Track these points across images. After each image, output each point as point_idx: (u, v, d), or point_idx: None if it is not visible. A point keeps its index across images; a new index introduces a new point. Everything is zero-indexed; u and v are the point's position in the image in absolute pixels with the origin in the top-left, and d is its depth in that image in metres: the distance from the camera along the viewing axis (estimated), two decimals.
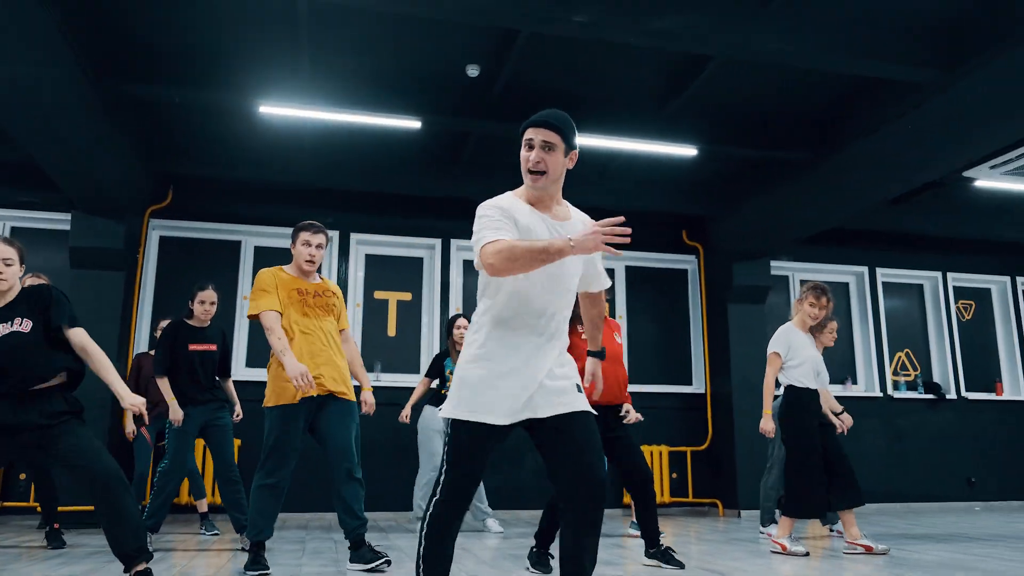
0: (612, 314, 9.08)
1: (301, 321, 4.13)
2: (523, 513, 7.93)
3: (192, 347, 5.27)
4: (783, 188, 7.47)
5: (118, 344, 7.24)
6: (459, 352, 6.50)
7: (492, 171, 7.94)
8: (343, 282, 8.39)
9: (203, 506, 6.38)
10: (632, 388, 8.80)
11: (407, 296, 8.72)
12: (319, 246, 4.27)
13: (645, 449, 8.45)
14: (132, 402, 3.33)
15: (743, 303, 8.61)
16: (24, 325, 3.30)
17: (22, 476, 7.25)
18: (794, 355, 5.01)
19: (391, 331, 8.57)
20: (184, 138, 7.43)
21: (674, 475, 8.66)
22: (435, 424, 6.34)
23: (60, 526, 5.36)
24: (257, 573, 3.93)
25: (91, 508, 3.29)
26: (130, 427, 6.43)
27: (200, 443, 6.76)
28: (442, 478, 2.45)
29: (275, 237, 8.41)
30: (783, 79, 6.33)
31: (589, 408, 2.48)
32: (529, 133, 2.54)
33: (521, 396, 2.42)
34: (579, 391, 2.51)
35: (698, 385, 9.04)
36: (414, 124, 6.48)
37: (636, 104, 6.78)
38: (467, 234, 8.70)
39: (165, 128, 7.27)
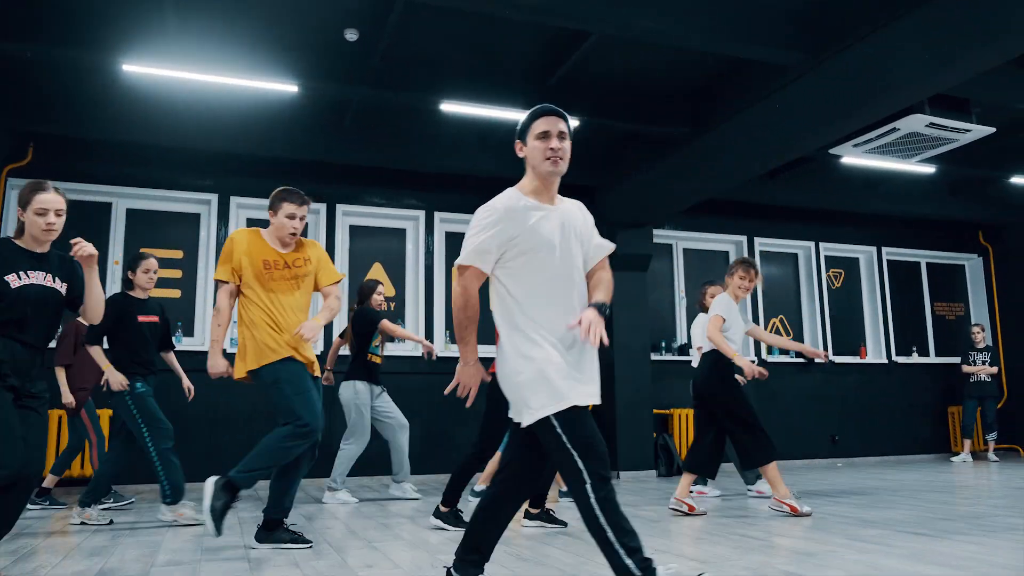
0: None
1: (263, 296, 3.98)
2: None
3: (141, 319, 5.14)
4: (664, 161, 7.65)
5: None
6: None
7: (374, 138, 7.84)
8: (220, 246, 8.12)
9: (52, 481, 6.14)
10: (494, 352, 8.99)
11: None
12: (303, 218, 4.08)
13: None
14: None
15: (626, 271, 8.80)
16: (61, 286, 3.38)
17: None
18: (731, 323, 5.24)
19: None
20: (44, 96, 6.94)
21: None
22: (347, 395, 6.31)
23: None
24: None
25: None
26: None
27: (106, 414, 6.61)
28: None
29: (149, 199, 8.06)
30: (660, 56, 6.45)
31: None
32: (543, 124, 2.64)
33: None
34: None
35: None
36: (290, 88, 6.27)
37: (517, 75, 6.79)
38: (352, 200, 8.55)
39: (20, 84, 6.78)
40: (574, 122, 7.12)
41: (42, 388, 3.31)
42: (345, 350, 6.70)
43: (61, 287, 3.38)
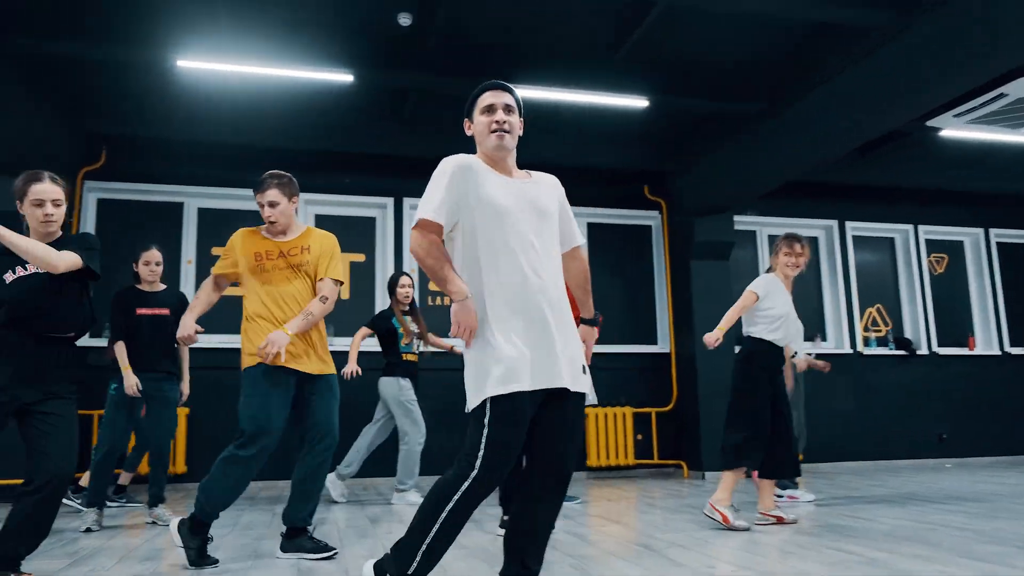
0: None
1: (262, 290, 3.77)
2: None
3: (140, 311, 5.04)
4: (742, 141, 7.15)
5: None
6: (403, 311, 6.32)
7: (437, 126, 7.61)
8: None
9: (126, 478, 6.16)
10: (596, 348, 8.64)
11: (360, 257, 8.41)
12: (272, 203, 3.76)
13: (609, 411, 8.27)
14: None
15: (706, 260, 8.33)
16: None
17: None
18: (771, 303, 4.72)
19: (345, 293, 8.27)
20: (113, 97, 7.04)
21: (639, 436, 8.48)
22: (390, 392, 6.13)
23: None
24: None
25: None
26: None
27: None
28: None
29: (219, 198, 8.06)
30: (733, 26, 5.96)
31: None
32: (488, 98, 2.59)
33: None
34: None
35: (663, 345, 8.81)
36: (346, 78, 6.09)
37: (580, 54, 6.40)
38: (419, 192, 8.47)
39: (89, 87, 6.86)
40: (642, 102, 6.77)
41: (66, 389, 3.17)
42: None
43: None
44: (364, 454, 6.27)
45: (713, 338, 4.58)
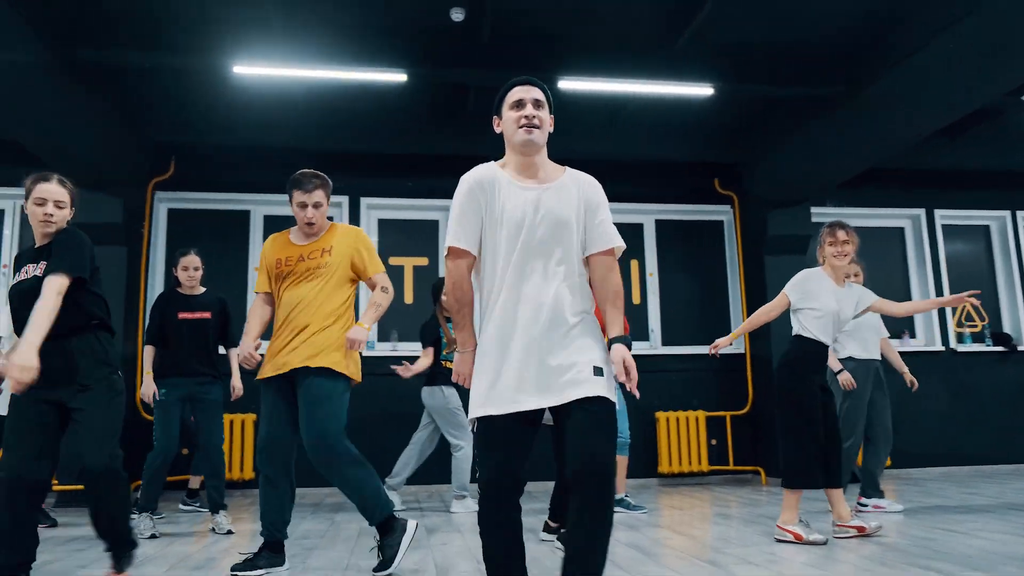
0: (643, 270, 8.58)
1: (281, 297, 3.72)
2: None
3: (182, 315, 5.08)
4: (816, 127, 6.72)
5: (124, 320, 7.09)
6: (447, 317, 6.19)
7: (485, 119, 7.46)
8: None
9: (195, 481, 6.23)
10: (666, 350, 8.34)
11: (423, 261, 8.33)
12: (317, 205, 3.71)
13: (681, 415, 7.96)
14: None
15: (781, 255, 7.92)
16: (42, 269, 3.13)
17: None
18: (811, 302, 4.36)
19: (408, 298, 8.22)
20: (176, 107, 7.13)
21: (713, 442, 8.12)
22: (433, 403, 6.01)
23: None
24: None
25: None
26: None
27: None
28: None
29: (284, 205, 8.11)
30: (802, 4, 5.59)
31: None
32: (517, 93, 2.51)
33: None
34: None
35: (737, 345, 8.42)
36: (399, 77, 6.00)
37: (639, 41, 6.12)
38: None
39: (155, 98, 6.98)
40: (707, 90, 6.45)
41: (95, 378, 3.13)
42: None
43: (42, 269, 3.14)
44: (414, 465, 6.14)
45: (722, 345, 4.30)
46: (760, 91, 6.65)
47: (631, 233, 8.61)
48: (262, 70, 5.83)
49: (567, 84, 6.19)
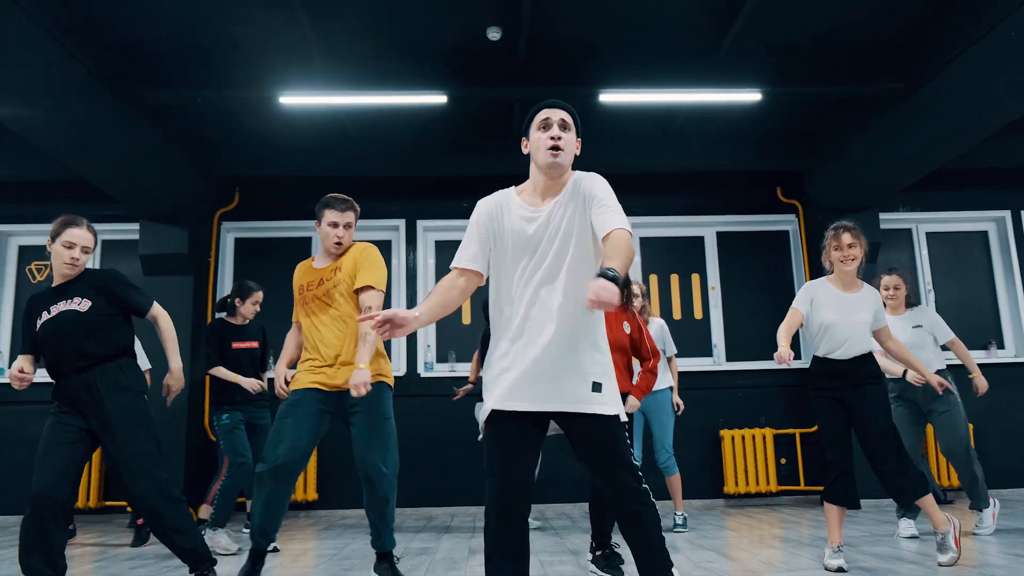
0: (704, 284, 8.34)
1: (306, 322, 3.75)
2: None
3: (236, 345, 5.28)
4: (876, 127, 6.40)
5: (191, 347, 7.36)
6: None
7: None
8: (412, 271, 8.17)
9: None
10: (730, 366, 8.06)
11: (482, 282, 8.34)
12: (348, 225, 3.77)
13: (747, 432, 7.67)
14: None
15: None
16: (82, 304, 3.37)
17: None
18: (814, 313, 4.07)
19: (465, 319, 8.24)
20: (236, 141, 7.44)
21: (782, 461, 7.79)
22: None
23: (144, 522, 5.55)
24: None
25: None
26: None
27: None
28: None
29: None
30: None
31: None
32: (545, 113, 2.57)
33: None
34: None
35: (805, 359, 8.07)
36: (439, 99, 6.06)
37: (679, 49, 5.99)
38: None
39: (215, 134, 7.29)
40: (755, 96, 6.26)
41: (120, 405, 3.31)
42: None
43: (80, 304, 3.35)
44: None
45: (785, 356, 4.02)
46: (811, 93, 6.41)
47: (691, 246, 8.41)
48: (307, 99, 5.98)
49: (609, 97, 6.11)
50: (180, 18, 5.43)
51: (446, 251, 8.40)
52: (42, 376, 4.30)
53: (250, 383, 5.11)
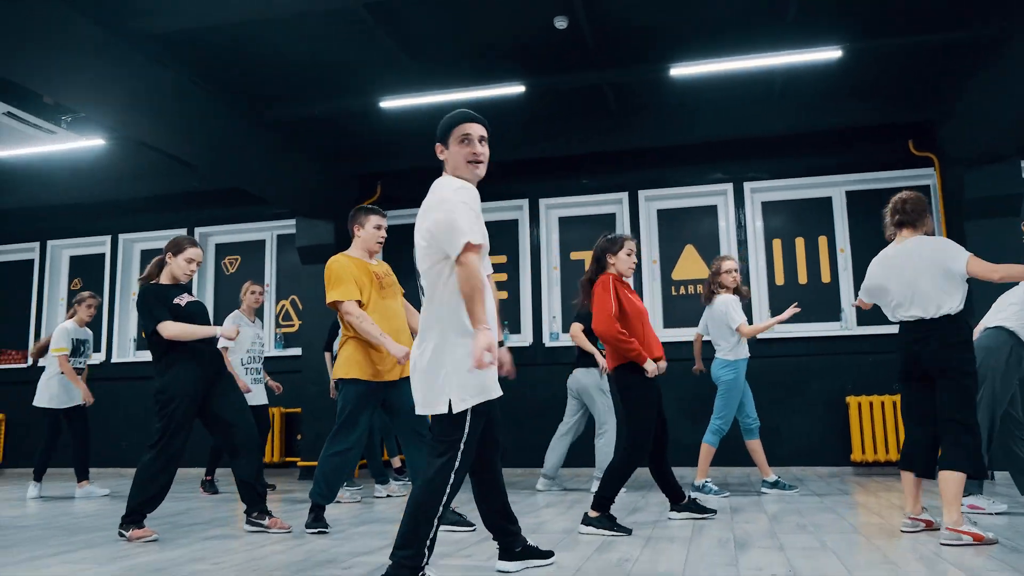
0: (833, 247, 8.00)
1: (380, 303, 4.39)
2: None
3: None
4: (1005, 66, 5.86)
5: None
6: None
7: (639, 112, 7.58)
8: (536, 247, 8.61)
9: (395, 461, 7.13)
10: (860, 330, 7.73)
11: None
12: (385, 228, 4.60)
13: (876, 399, 7.39)
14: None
15: (983, 219, 6.97)
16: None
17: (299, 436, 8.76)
18: None
19: None
20: (372, 140, 8.25)
21: None
22: (591, 381, 6.25)
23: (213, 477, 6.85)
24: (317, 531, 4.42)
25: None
26: None
27: None
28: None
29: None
30: None
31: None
32: (466, 128, 2.85)
33: None
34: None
35: None
36: (516, 89, 6.47)
37: (750, 13, 5.84)
38: (652, 184, 8.41)
39: (357, 136, 8.12)
40: (835, 53, 6.02)
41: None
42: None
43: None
44: (560, 463, 6.46)
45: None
46: (912, 42, 6.00)
47: (817, 208, 8.12)
48: (403, 102, 6.65)
49: (680, 71, 6.17)
50: (292, 50, 6.21)
51: (568, 226, 8.76)
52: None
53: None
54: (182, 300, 4.40)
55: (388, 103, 6.71)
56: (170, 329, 4.27)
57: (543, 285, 8.55)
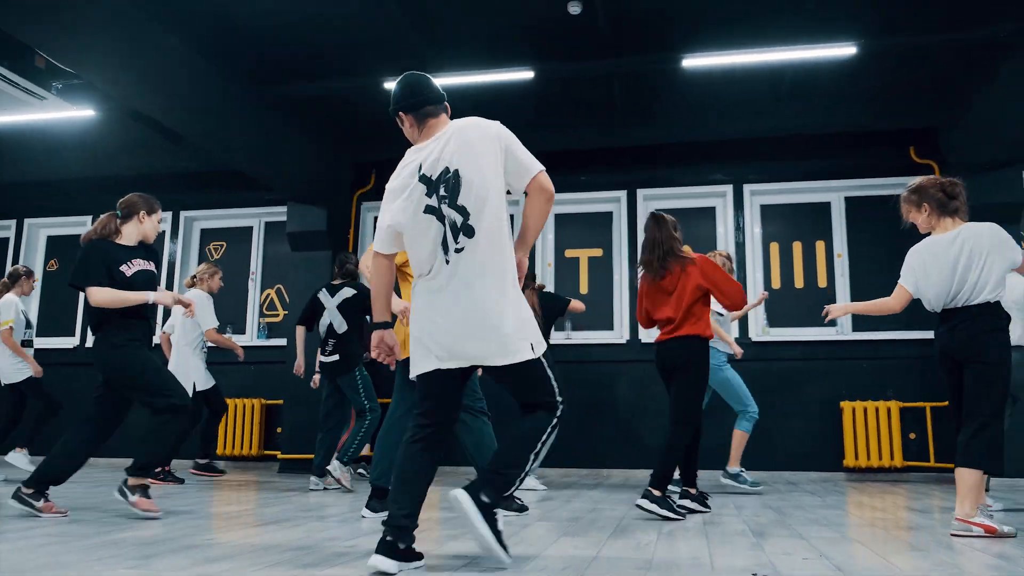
0: (830, 252, 7.98)
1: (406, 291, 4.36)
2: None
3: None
4: (1006, 73, 5.88)
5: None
6: None
7: (645, 107, 7.50)
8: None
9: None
10: (856, 335, 7.69)
11: (598, 252, 8.55)
12: None
13: (870, 405, 7.33)
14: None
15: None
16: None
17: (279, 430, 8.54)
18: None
19: (583, 288, 8.48)
20: (366, 127, 8.05)
21: (912, 436, 7.36)
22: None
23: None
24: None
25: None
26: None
27: None
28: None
29: None
30: None
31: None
32: (402, 115, 3.00)
33: None
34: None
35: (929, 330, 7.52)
36: (526, 75, 6.35)
37: (762, 7, 5.81)
38: (652, 183, 8.34)
39: (353, 121, 7.94)
40: (850, 49, 6.00)
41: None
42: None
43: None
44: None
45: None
46: (924, 41, 5.98)
47: (815, 213, 8.09)
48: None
49: (692, 62, 6.10)
50: (297, 22, 6.05)
51: (564, 223, 8.64)
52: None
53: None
54: (131, 268, 4.09)
55: (392, 85, 6.53)
56: (98, 295, 3.92)
57: (538, 282, 8.40)
